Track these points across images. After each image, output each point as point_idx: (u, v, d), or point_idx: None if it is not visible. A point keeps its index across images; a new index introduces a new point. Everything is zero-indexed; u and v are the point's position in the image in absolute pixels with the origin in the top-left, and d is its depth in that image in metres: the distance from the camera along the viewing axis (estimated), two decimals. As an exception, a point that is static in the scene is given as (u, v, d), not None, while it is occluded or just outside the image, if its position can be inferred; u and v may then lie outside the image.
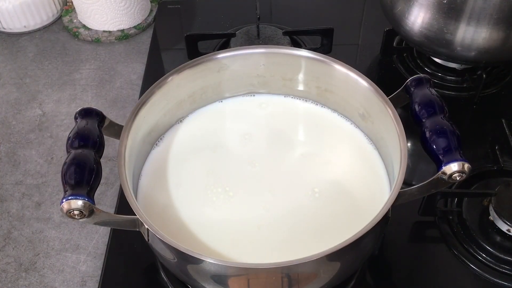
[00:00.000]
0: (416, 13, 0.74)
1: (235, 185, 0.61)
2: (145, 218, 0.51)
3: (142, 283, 0.64)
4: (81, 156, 0.51)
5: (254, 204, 0.60)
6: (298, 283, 0.52)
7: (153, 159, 0.64)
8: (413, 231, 0.67)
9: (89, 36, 0.95)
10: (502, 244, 0.64)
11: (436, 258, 0.64)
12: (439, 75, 0.84)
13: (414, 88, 0.58)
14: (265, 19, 0.92)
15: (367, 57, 0.90)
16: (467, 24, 0.71)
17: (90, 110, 0.56)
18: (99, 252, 0.67)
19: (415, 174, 0.73)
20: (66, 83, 0.88)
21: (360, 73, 0.61)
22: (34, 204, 0.73)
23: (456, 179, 0.51)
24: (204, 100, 0.68)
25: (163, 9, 0.99)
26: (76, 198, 0.48)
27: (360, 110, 0.64)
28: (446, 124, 0.53)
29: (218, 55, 0.64)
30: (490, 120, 0.79)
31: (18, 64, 0.92)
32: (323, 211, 0.59)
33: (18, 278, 0.66)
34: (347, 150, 0.64)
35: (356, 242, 0.48)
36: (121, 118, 0.81)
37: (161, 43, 0.94)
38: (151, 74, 0.87)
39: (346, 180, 0.61)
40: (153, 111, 0.62)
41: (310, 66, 0.65)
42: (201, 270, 0.52)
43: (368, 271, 0.63)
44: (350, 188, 0.61)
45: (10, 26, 0.95)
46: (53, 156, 0.78)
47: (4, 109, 0.85)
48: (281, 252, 0.55)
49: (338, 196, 0.60)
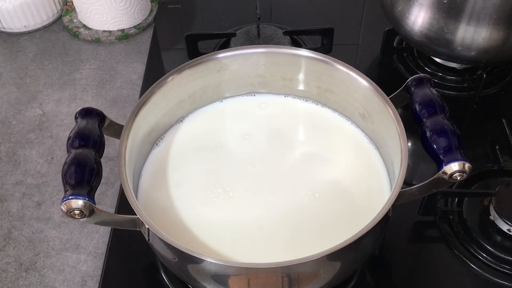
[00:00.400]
0: (417, 13, 0.74)
1: (235, 185, 0.61)
2: (145, 217, 0.51)
3: (142, 283, 0.64)
4: (81, 156, 0.51)
5: (254, 204, 0.60)
6: (298, 283, 0.52)
7: (153, 159, 0.64)
8: (414, 231, 0.67)
9: (89, 36, 0.95)
10: (503, 244, 0.64)
11: (436, 258, 0.64)
12: (440, 75, 0.84)
13: (415, 87, 0.58)
14: (265, 19, 0.92)
15: (367, 57, 0.90)
16: (467, 24, 0.71)
17: (91, 110, 0.56)
18: (99, 252, 0.67)
19: (416, 174, 0.73)
20: (66, 83, 0.88)
21: (360, 73, 0.61)
22: (35, 204, 0.73)
23: (457, 179, 0.51)
24: (204, 100, 0.68)
25: (163, 9, 0.99)
26: (77, 198, 0.48)
27: (361, 110, 0.64)
28: (446, 124, 0.53)
29: (218, 55, 0.64)
30: (491, 119, 0.79)
31: (18, 64, 0.92)
32: (323, 211, 0.59)
33: (18, 278, 0.66)
34: (348, 150, 0.64)
35: (356, 242, 0.48)
36: (121, 118, 0.81)
37: (161, 43, 0.94)
38: (151, 74, 0.87)
39: (346, 180, 0.61)
40: (153, 111, 0.62)
41: (310, 66, 0.65)
42: (202, 270, 0.52)
43: (368, 271, 0.63)
44: (350, 188, 0.61)
45: (10, 26, 0.95)
46: (53, 156, 0.78)
47: (4, 109, 0.85)
48: (281, 252, 0.55)
49: (338, 196, 0.60)
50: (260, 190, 0.61)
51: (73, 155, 0.51)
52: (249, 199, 0.60)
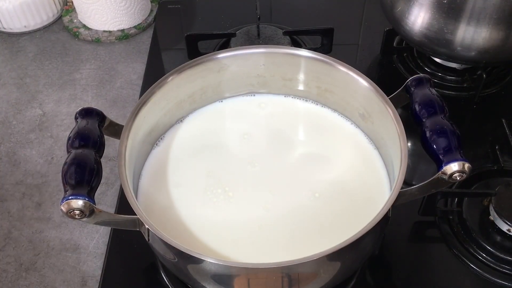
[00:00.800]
0: (416, 13, 0.74)
1: (235, 185, 0.61)
2: (145, 218, 0.51)
3: (142, 283, 0.64)
4: (81, 156, 0.51)
5: (254, 204, 0.60)
6: (298, 283, 0.52)
7: (153, 159, 0.64)
8: (413, 231, 0.67)
9: (89, 36, 0.95)
10: (502, 244, 0.64)
11: (436, 258, 0.64)
12: (439, 75, 0.84)
13: (414, 88, 0.58)
14: (265, 19, 0.92)
15: (367, 57, 0.90)
16: (467, 24, 0.71)
17: (91, 110, 0.56)
18: (99, 252, 0.67)
19: (415, 174, 0.73)
20: (66, 83, 0.88)
21: (360, 73, 0.61)
22: (34, 204, 0.73)
23: (457, 179, 0.51)
24: (204, 100, 0.68)
25: (163, 9, 0.99)
26: (77, 198, 0.48)
27: (360, 110, 0.64)
28: (446, 124, 0.53)
29: (218, 55, 0.64)
30: (490, 120, 0.79)
31: (18, 64, 0.92)
32: (323, 211, 0.59)
33: (18, 278, 0.66)
34: (347, 150, 0.64)
35: (356, 242, 0.48)
36: (121, 118, 0.81)
37: (161, 43, 0.94)
38: (151, 74, 0.87)
39: (346, 180, 0.61)
40: (153, 111, 0.62)
41: (310, 66, 0.65)
42: (202, 270, 0.52)
43: (368, 271, 0.63)
44: (350, 188, 0.61)
45: (10, 26, 0.95)
46: (53, 156, 0.78)
47: (4, 109, 0.85)
48: (281, 252, 0.55)
49: (338, 196, 0.60)
50: (260, 190, 0.61)
51: (73, 155, 0.51)
52: (249, 199, 0.60)
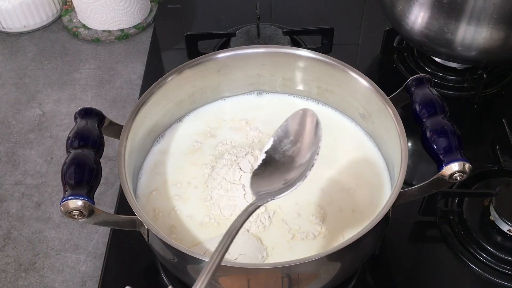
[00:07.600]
0: (417, 12, 0.74)
1: (235, 185, 0.61)
2: (145, 218, 0.51)
3: (142, 283, 0.64)
4: (81, 156, 0.51)
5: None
6: (298, 283, 0.52)
7: (153, 159, 0.64)
8: (414, 231, 0.67)
9: (89, 35, 0.95)
10: (503, 244, 0.64)
11: (436, 258, 0.64)
12: (440, 75, 0.84)
13: (415, 88, 0.58)
14: (265, 19, 0.92)
15: (367, 57, 0.90)
16: (467, 24, 0.71)
17: (90, 110, 0.56)
18: (99, 252, 0.67)
19: (416, 174, 0.73)
20: (65, 83, 0.88)
21: (360, 73, 0.61)
22: (34, 204, 0.72)
23: (457, 179, 0.51)
24: (204, 100, 0.68)
25: (163, 9, 0.99)
26: (76, 198, 0.48)
27: (361, 110, 0.64)
28: (446, 124, 0.53)
29: (218, 55, 0.64)
30: (491, 120, 0.79)
31: (17, 64, 0.92)
32: (323, 210, 0.59)
33: (17, 278, 0.65)
34: (348, 150, 0.64)
35: (356, 242, 0.48)
36: (121, 118, 0.81)
37: (161, 43, 0.94)
38: (151, 74, 0.87)
39: (346, 179, 0.61)
40: (153, 111, 0.62)
41: (310, 65, 0.65)
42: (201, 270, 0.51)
43: (368, 271, 0.63)
44: (350, 188, 0.61)
45: (10, 26, 0.95)
46: (53, 156, 0.78)
47: (3, 109, 0.85)
48: (281, 251, 0.55)
49: (339, 195, 0.60)
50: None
51: (73, 155, 0.51)
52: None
